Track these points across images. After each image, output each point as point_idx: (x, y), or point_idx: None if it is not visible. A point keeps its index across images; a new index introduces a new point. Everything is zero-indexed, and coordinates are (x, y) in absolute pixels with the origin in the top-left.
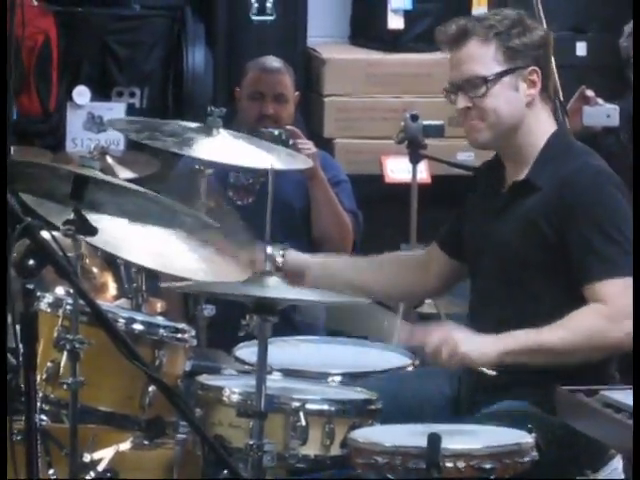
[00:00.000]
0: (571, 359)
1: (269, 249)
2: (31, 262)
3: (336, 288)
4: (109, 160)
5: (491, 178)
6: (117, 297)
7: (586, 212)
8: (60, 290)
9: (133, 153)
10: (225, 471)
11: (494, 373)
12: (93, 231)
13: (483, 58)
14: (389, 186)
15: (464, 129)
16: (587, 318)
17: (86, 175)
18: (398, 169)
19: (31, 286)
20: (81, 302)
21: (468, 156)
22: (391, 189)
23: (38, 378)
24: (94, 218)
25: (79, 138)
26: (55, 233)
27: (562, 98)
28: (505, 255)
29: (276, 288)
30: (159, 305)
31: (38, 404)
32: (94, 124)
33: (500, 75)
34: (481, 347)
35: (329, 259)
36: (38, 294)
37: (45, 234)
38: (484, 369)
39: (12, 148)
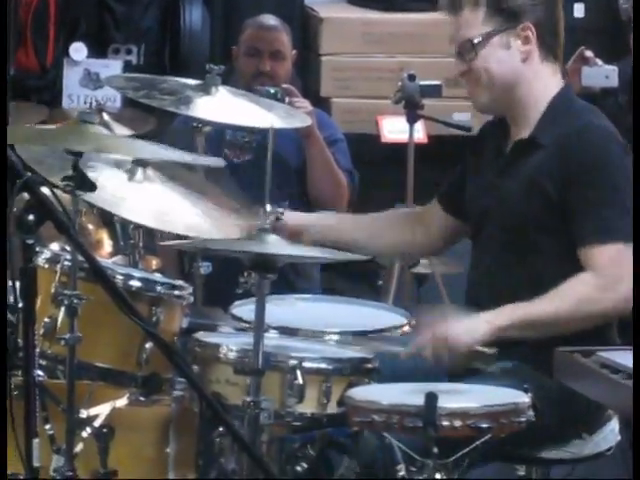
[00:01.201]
0: (562, 330)
1: (268, 207)
2: (30, 217)
3: (337, 246)
4: (105, 117)
5: (495, 137)
6: (112, 254)
7: (588, 172)
8: (55, 246)
9: (130, 110)
10: (221, 428)
11: (493, 351)
12: (92, 187)
13: (473, 23)
14: (385, 146)
15: (468, 95)
16: (576, 288)
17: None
18: (394, 129)
19: (30, 241)
20: (79, 258)
21: (465, 116)
22: (387, 149)
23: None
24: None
25: (75, 94)
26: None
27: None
28: (508, 214)
29: (275, 245)
30: (154, 262)
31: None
32: (90, 80)
33: (488, 36)
34: (471, 329)
35: (329, 217)
36: (37, 249)
37: (44, 189)
38: (483, 348)
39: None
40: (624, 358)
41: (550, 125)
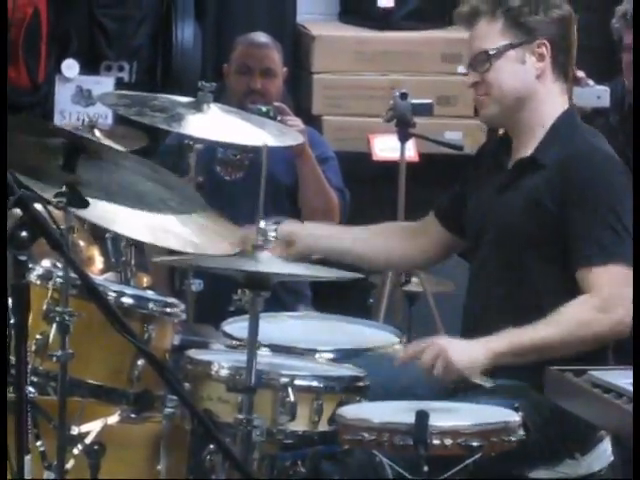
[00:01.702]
0: (560, 354)
1: (262, 223)
2: (23, 234)
3: (330, 255)
4: (97, 134)
5: (497, 154)
6: (103, 271)
7: (589, 196)
8: (47, 262)
9: (121, 127)
10: (212, 445)
11: (492, 384)
12: (84, 204)
13: (489, 34)
14: (376, 164)
15: (476, 106)
16: (575, 311)
17: (78, 144)
18: (386, 147)
19: (23, 258)
20: (71, 275)
21: (456, 135)
22: (379, 167)
23: None
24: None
25: (67, 111)
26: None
27: None
28: (506, 232)
29: (268, 263)
30: (145, 279)
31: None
32: (82, 97)
33: (504, 49)
34: (470, 354)
35: (324, 226)
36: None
37: (38, 206)
38: (480, 381)
39: None
40: (616, 378)
41: (552, 145)
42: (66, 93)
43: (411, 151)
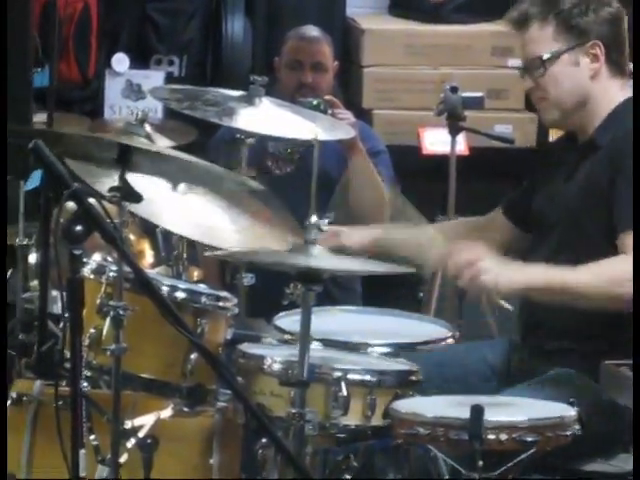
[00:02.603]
0: (589, 304)
1: (314, 218)
2: (78, 228)
3: (397, 256)
4: (147, 128)
5: (565, 150)
6: (154, 265)
7: (630, 166)
8: (98, 257)
9: (171, 121)
10: (264, 439)
11: (511, 308)
12: (138, 198)
13: (541, 39)
14: (426, 158)
15: (537, 109)
16: (611, 268)
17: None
18: (436, 141)
19: (78, 252)
20: (124, 269)
21: (506, 128)
22: (428, 161)
23: None
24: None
25: (117, 105)
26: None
27: None
28: (570, 218)
29: (321, 257)
30: (196, 273)
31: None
32: (132, 92)
33: (558, 54)
34: (510, 277)
35: (387, 230)
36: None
37: (92, 200)
38: (503, 302)
39: (45, 114)
40: None
41: (610, 129)
42: (116, 87)
43: (461, 145)
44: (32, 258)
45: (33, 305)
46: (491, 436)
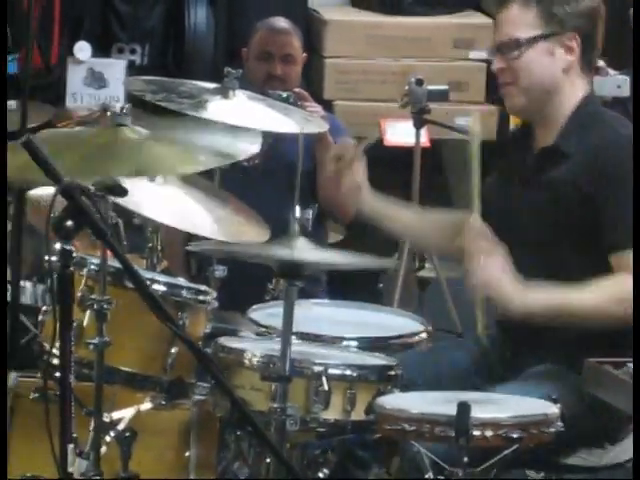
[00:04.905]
0: (589, 323)
1: (297, 211)
2: (69, 223)
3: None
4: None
5: (521, 146)
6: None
7: (620, 183)
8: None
9: (134, 110)
10: (238, 432)
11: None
12: (123, 192)
13: (521, 22)
14: (388, 149)
15: (501, 93)
16: (612, 287)
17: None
18: (397, 132)
19: (68, 247)
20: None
21: (466, 121)
22: (390, 152)
23: None
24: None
25: (79, 93)
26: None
27: None
28: (534, 223)
29: (303, 251)
30: (162, 264)
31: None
32: (94, 80)
33: (535, 39)
34: (524, 299)
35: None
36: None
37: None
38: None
39: (14, 102)
40: None
41: (574, 133)
42: (78, 75)
43: (423, 137)
44: None
45: None
46: (476, 432)
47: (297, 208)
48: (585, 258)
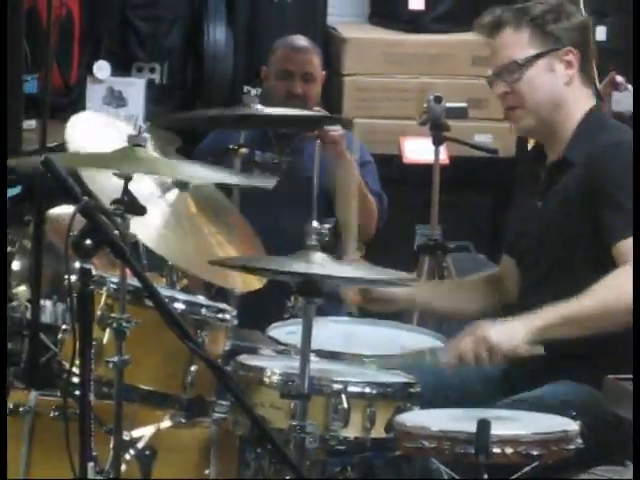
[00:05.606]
0: (607, 324)
1: (315, 224)
2: (88, 242)
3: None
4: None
5: (534, 167)
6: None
7: (617, 182)
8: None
9: (153, 129)
10: (258, 449)
11: (542, 351)
12: (142, 211)
13: (516, 44)
14: (406, 166)
15: (507, 118)
16: (614, 282)
17: None
18: (416, 150)
19: (88, 266)
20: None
21: (486, 138)
22: (408, 169)
23: None
24: None
25: (98, 112)
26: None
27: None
28: (549, 237)
29: (321, 266)
30: (181, 282)
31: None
32: (114, 99)
33: (534, 58)
34: (511, 334)
35: (413, 290)
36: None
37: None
38: (531, 351)
39: (34, 121)
40: None
41: (580, 144)
42: (97, 94)
43: (442, 154)
44: (15, 265)
45: (18, 313)
46: (496, 450)
47: (314, 223)
48: (599, 268)
